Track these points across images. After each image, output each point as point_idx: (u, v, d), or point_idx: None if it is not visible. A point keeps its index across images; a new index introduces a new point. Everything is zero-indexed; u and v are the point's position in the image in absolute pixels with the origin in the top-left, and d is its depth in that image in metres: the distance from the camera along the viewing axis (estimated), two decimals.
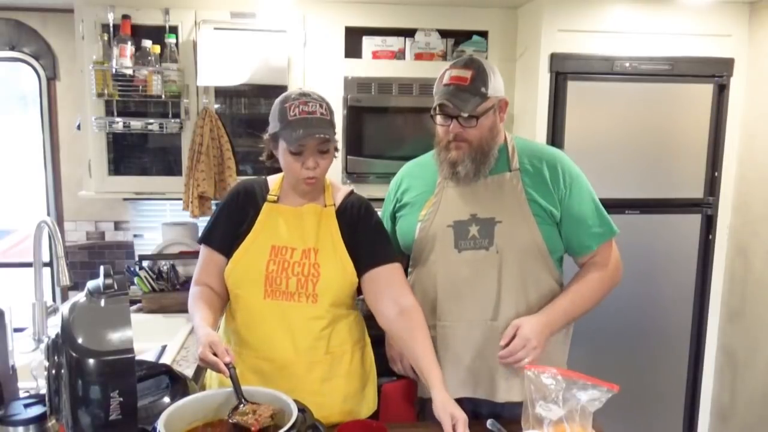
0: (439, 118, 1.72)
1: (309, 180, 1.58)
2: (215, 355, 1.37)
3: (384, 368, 1.88)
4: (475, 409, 1.76)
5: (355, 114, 2.72)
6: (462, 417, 1.41)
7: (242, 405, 1.30)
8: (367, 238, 1.65)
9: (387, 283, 1.61)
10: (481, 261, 1.71)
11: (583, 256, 1.77)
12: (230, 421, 1.26)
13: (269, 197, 1.66)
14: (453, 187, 1.76)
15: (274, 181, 1.71)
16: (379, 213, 1.94)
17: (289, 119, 1.53)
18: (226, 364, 1.35)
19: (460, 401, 1.73)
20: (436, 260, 1.75)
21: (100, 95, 2.59)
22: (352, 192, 1.72)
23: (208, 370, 1.75)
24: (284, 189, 1.68)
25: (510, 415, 1.57)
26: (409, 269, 1.88)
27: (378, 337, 1.83)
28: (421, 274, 1.81)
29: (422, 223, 1.77)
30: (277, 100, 1.59)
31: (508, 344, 1.65)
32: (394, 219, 1.90)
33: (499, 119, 1.73)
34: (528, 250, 1.70)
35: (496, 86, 1.69)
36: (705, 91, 2.66)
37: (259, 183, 1.71)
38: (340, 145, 2.65)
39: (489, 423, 1.53)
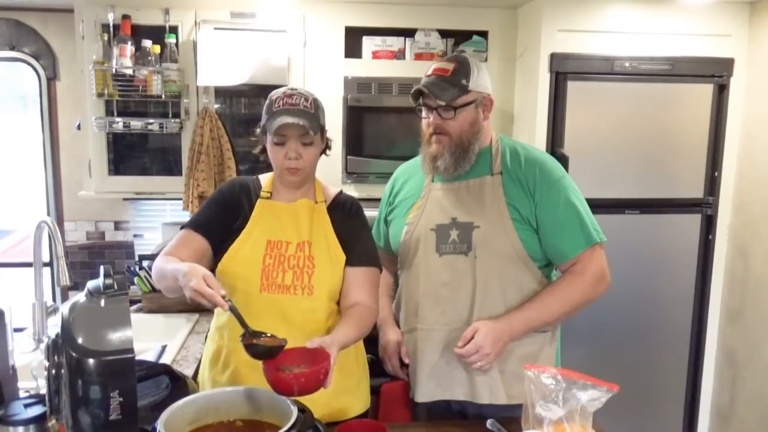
0: (423, 112, 1.74)
1: (291, 170, 1.61)
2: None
3: (380, 369, 1.88)
4: (462, 411, 1.78)
5: (355, 114, 2.72)
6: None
7: (247, 334, 1.36)
8: (353, 237, 1.68)
9: (359, 285, 1.65)
10: (460, 266, 1.71)
11: (561, 263, 1.72)
12: (244, 342, 1.34)
13: (262, 194, 1.69)
14: (438, 190, 1.76)
15: (265, 179, 1.74)
16: (373, 213, 1.95)
17: (273, 110, 1.59)
18: (222, 297, 1.35)
19: (447, 403, 1.75)
20: (419, 263, 1.76)
21: (100, 95, 2.59)
22: (341, 192, 1.77)
23: (201, 371, 1.75)
24: (276, 186, 1.71)
25: (496, 417, 1.57)
26: (398, 272, 1.88)
27: (372, 338, 1.83)
28: (406, 277, 1.82)
29: (408, 226, 1.78)
30: (268, 96, 1.65)
31: (464, 345, 1.63)
32: (387, 223, 1.91)
33: (483, 117, 1.72)
34: (506, 256, 1.68)
35: (480, 82, 1.69)
36: (705, 91, 2.65)
37: (252, 180, 1.75)
38: (339, 144, 2.70)
39: (489, 423, 1.53)
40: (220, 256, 1.63)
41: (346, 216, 1.70)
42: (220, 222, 1.65)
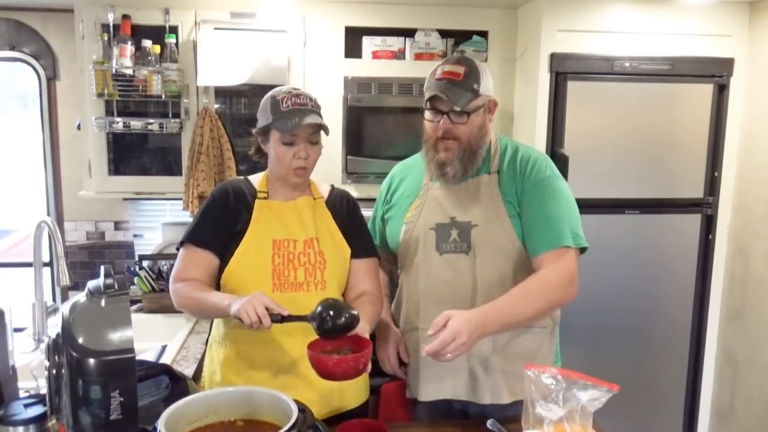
0: (428, 114, 1.70)
1: (299, 170, 1.62)
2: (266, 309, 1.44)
3: (379, 369, 1.88)
4: (464, 410, 1.77)
5: (355, 114, 2.72)
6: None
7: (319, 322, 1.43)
8: (352, 230, 1.72)
9: (361, 276, 1.71)
10: (460, 265, 1.70)
11: (532, 258, 1.67)
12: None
13: (259, 194, 1.68)
14: (437, 189, 1.76)
15: (257, 179, 1.73)
16: (369, 212, 1.95)
17: (282, 110, 1.58)
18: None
19: (448, 402, 1.75)
20: (419, 263, 1.75)
21: (100, 95, 2.59)
22: (334, 186, 1.80)
23: (210, 375, 1.74)
24: (272, 185, 1.70)
25: (497, 417, 1.56)
26: (398, 271, 1.88)
27: (371, 337, 1.82)
28: (407, 276, 1.82)
29: (407, 225, 1.77)
30: (267, 96, 1.64)
31: (436, 334, 1.46)
32: (383, 221, 1.90)
33: (489, 119, 1.73)
34: (505, 254, 1.68)
35: (487, 85, 1.69)
36: (705, 91, 2.66)
37: (244, 182, 1.73)
38: (340, 144, 2.70)
39: (489, 423, 1.53)
40: (226, 262, 1.63)
41: (344, 210, 1.74)
42: (219, 231, 1.64)
